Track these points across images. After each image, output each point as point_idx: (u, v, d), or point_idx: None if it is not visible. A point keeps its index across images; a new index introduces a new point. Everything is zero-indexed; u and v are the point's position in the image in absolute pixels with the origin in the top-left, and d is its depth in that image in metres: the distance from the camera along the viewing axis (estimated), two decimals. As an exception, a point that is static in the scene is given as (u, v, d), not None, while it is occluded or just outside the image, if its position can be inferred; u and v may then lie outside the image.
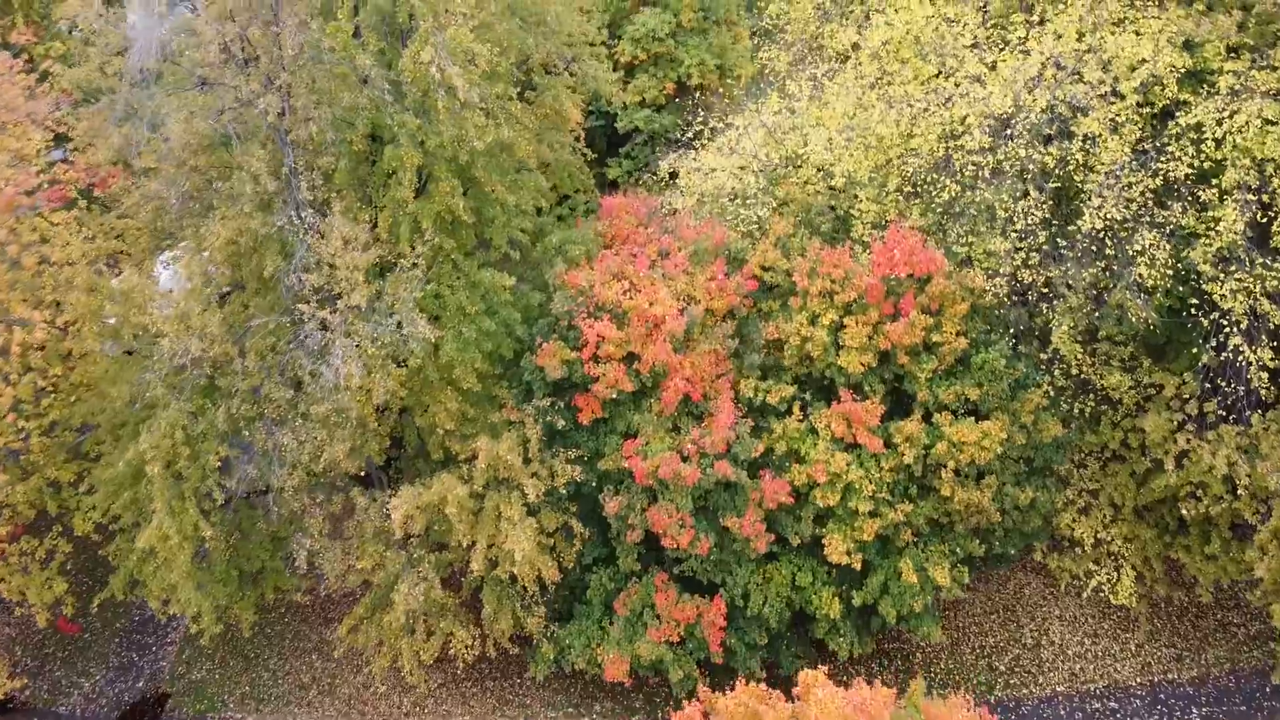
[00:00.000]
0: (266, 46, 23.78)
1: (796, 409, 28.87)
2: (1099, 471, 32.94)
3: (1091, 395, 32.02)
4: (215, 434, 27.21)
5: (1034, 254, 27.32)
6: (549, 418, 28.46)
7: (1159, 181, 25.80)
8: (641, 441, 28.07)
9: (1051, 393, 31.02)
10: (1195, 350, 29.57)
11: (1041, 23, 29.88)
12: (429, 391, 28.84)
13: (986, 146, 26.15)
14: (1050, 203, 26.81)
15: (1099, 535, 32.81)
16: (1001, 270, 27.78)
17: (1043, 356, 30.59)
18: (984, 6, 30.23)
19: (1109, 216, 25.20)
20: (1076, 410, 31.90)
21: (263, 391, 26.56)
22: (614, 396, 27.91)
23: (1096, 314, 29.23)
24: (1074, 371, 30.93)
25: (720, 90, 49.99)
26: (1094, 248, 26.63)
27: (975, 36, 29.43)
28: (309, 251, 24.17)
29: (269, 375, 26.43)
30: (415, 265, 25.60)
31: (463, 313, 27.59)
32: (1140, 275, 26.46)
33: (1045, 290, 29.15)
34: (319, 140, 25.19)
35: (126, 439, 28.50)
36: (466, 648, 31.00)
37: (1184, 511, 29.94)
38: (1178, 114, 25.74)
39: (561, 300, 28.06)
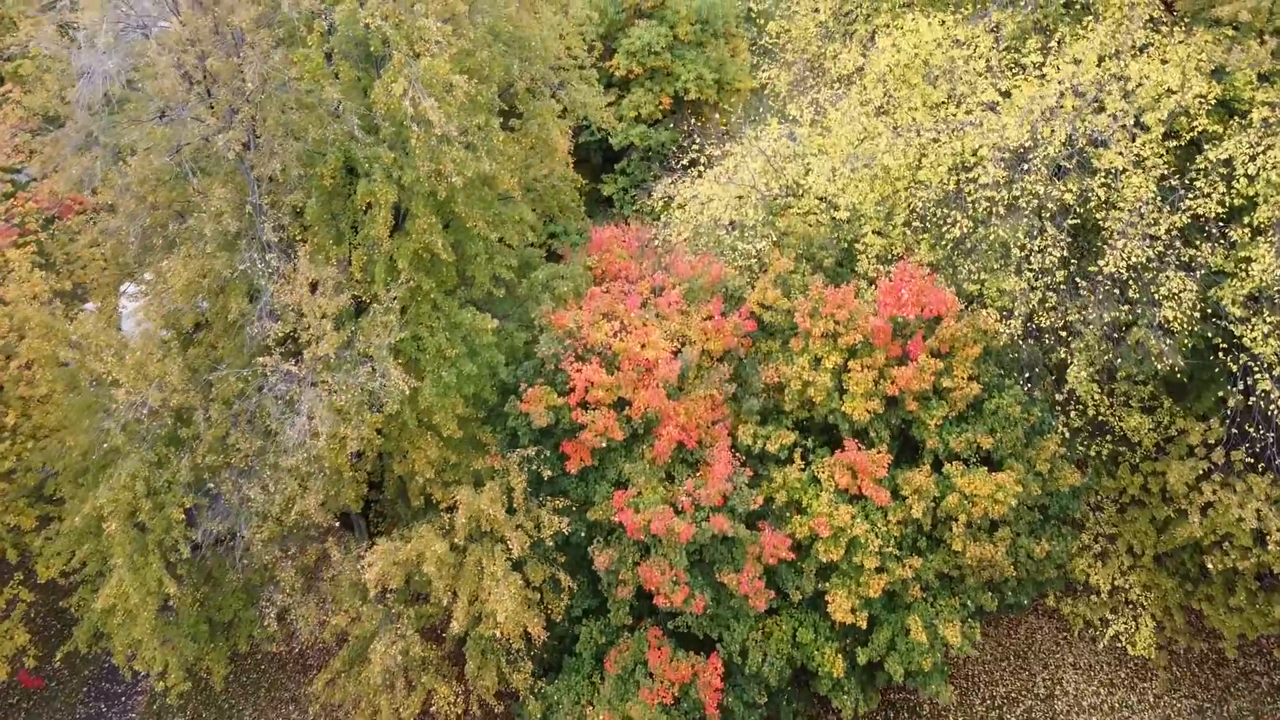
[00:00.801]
0: (228, 77, 22.07)
1: (798, 456, 27.21)
2: (1116, 516, 31.28)
3: (1109, 436, 30.35)
4: (180, 484, 25.52)
5: (1051, 293, 25.61)
6: (535, 466, 26.78)
7: (1186, 219, 24.10)
8: (633, 492, 26.39)
9: (1067, 434, 29.36)
10: (1221, 393, 27.88)
11: (1059, 45, 28.22)
12: (407, 437, 27.15)
13: (1001, 180, 24.45)
14: (1068, 240, 25.10)
15: (1116, 582, 31.17)
16: (1016, 310, 26.08)
17: (1058, 397, 28.92)
18: (996, 28, 28.51)
19: (1133, 257, 23.50)
20: (1093, 452, 30.23)
21: (229, 440, 24.86)
22: (603, 445, 26.23)
23: (1115, 355, 27.54)
24: (1091, 413, 29.27)
25: (718, 103, 48.36)
26: (1116, 290, 24.94)
27: (988, 60, 27.73)
28: (273, 298, 22.47)
29: (236, 423, 24.74)
30: (389, 310, 23.86)
31: (442, 356, 25.89)
32: (1165, 318, 24.76)
33: (1061, 329, 27.47)
34: (286, 176, 23.49)
35: (88, 487, 26.81)
36: (449, 704, 29.30)
37: (1209, 564, 28.26)
38: (1207, 147, 24.04)
39: (548, 342, 26.37)
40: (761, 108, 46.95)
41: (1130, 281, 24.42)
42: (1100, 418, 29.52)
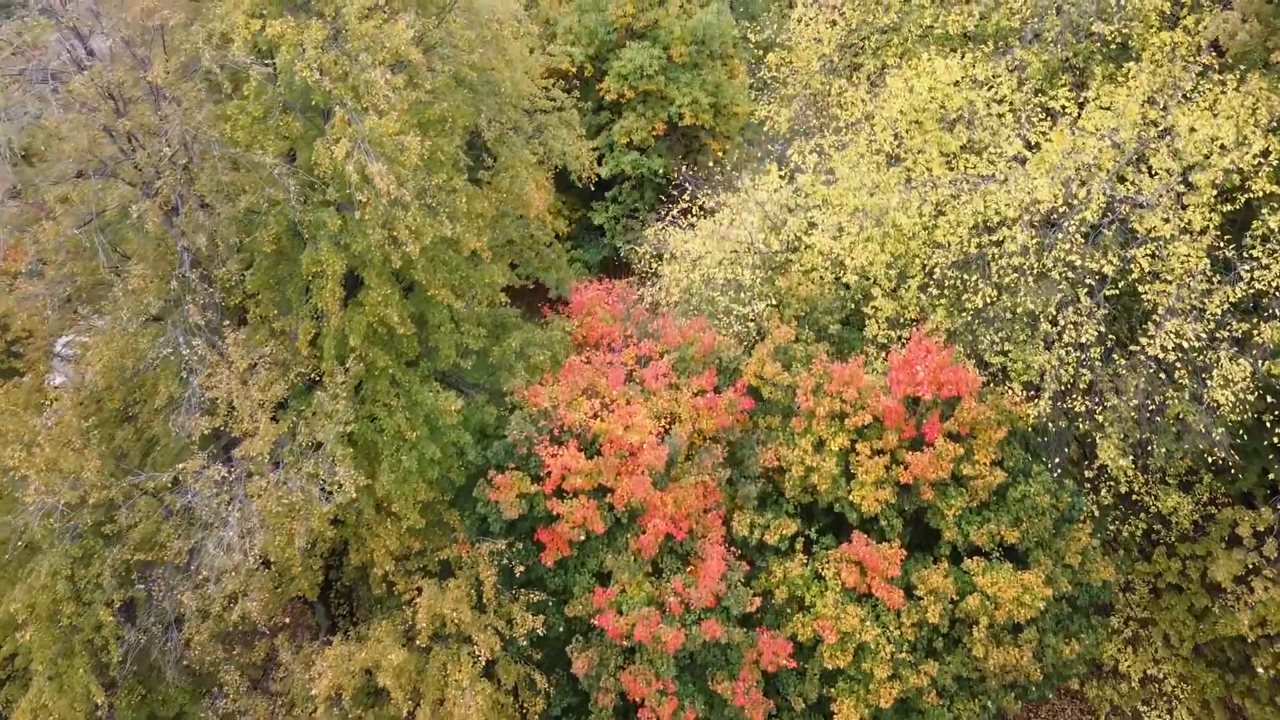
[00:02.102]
0: (148, 136, 19.24)
1: (799, 547, 24.41)
2: (1150, 599, 28.48)
3: (1143, 514, 27.53)
4: (108, 582, 22.73)
5: (1085, 370, 22.78)
6: (506, 560, 23.99)
7: (1242, 292, 21.28)
8: (615, 590, 23.58)
9: (1096, 512, 26.56)
10: (1270, 472, 25.10)
11: (1093, 88, 25.41)
12: (365, 525, 24.35)
13: (1030, 247, 21.64)
14: (1105, 312, 22.27)
15: (1149, 671, 28.37)
16: (1045, 386, 23.25)
17: (1087, 473, 26.10)
18: (1019, 67, 25.69)
19: (1181, 336, 20.68)
20: (1126, 533, 27.44)
21: (160, 537, 22.06)
22: (582, 538, 23.43)
23: (1151, 428, 24.71)
24: (1123, 489, 26.45)
25: (714, 128, 45.49)
26: (1162, 373, 22.12)
27: (1011, 104, 24.91)
28: (200, 392, 19.66)
29: (169, 516, 21.93)
30: (337, 397, 21.02)
31: (401, 438, 23.06)
32: (1214, 400, 21.94)
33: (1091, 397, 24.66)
34: (217, 247, 20.67)
35: (5, 583, 24.02)
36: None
37: (1257, 665, 25.45)
38: (1265, 212, 21.21)
39: (519, 424, 23.52)
40: (760, 140, 44.03)
41: (1176, 362, 21.56)
42: (1134, 496, 26.73)
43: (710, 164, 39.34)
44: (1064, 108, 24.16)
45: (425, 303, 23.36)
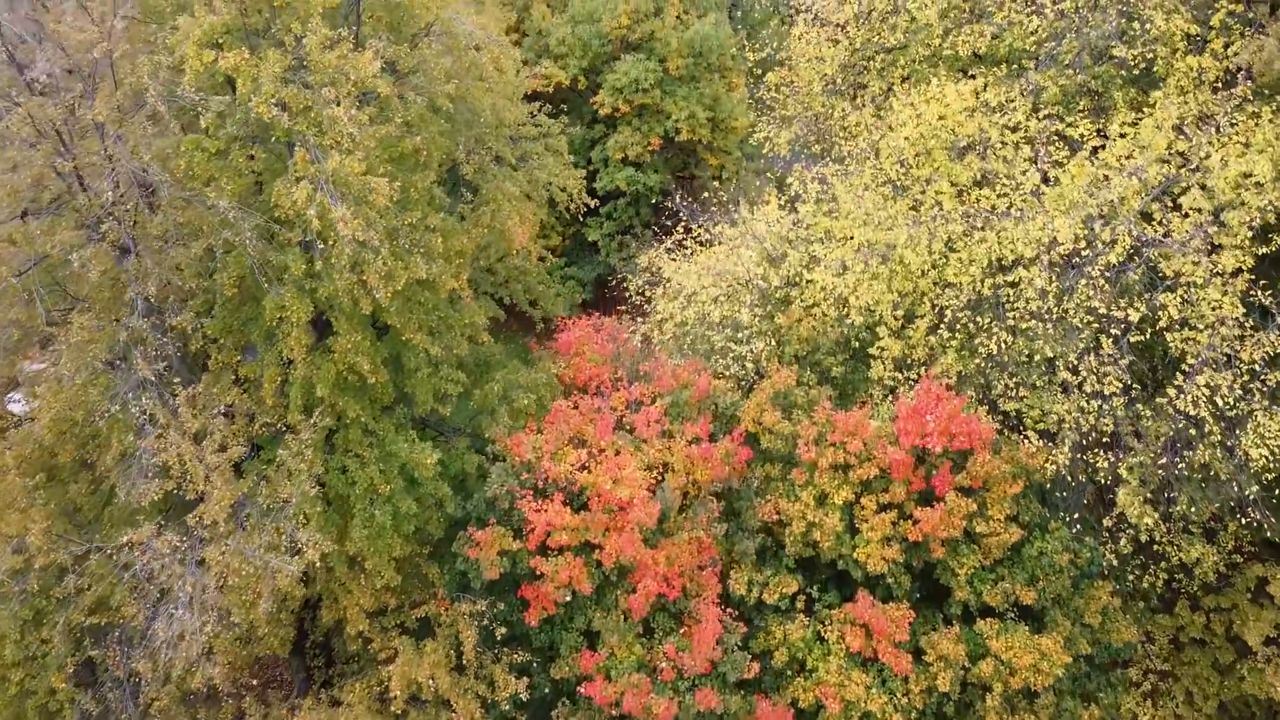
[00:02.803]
0: (94, 175, 17.70)
1: (800, 605, 22.90)
2: (1171, 650, 26.93)
3: (1164, 562, 25.96)
4: (59, 646, 21.23)
5: (1106, 419, 21.23)
6: (487, 622, 22.48)
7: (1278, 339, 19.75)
8: (604, 654, 22.06)
9: (1114, 561, 25.00)
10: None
11: (1106, 111, 23.88)
12: (337, 581, 22.84)
13: (1049, 290, 20.10)
14: (1129, 360, 20.73)
15: (1169, 727, 26.80)
16: (1063, 436, 21.72)
17: (1106, 522, 24.54)
18: (1034, 90, 24.13)
19: (1218, 397, 19.14)
20: (1146, 584, 25.87)
21: (114, 601, 20.55)
22: (568, 599, 21.91)
23: (1174, 474, 23.17)
24: (1143, 538, 24.89)
25: (712, 142, 43.95)
26: (1193, 429, 20.58)
27: (1027, 132, 23.36)
28: (150, 454, 18.13)
29: (121, 579, 20.41)
30: (302, 455, 19.48)
31: (374, 492, 21.53)
32: (1249, 456, 20.41)
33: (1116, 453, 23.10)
34: (179, 288, 19.15)
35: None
36: None
37: (1288, 730, 23.94)
38: (1303, 254, 19.71)
39: (500, 476, 21.99)
40: (759, 154, 42.43)
41: (1208, 417, 20.01)
42: (1155, 546, 25.17)
43: (706, 191, 37.70)
44: (1083, 136, 22.60)
45: (401, 346, 21.85)
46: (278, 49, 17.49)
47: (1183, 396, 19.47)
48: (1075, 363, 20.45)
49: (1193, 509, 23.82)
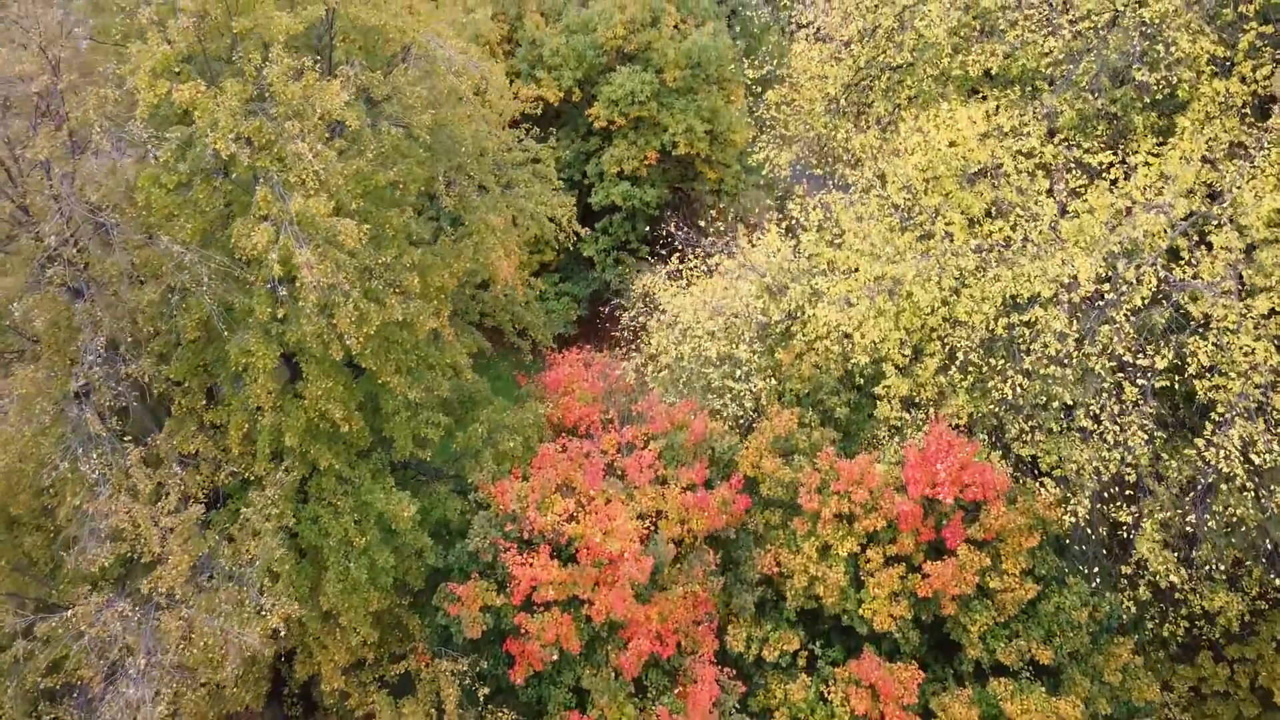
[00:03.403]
0: (40, 217, 16.38)
1: (802, 662, 21.59)
2: (1191, 700, 25.61)
3: (1184, 609, 24.66)
4: (10, 709, 19.93)
5: (1129, 469, 19.92)
6: (469, 681, 21.18)
7: (1312, 388, 18.44)
8: (594, 715, 20.76)
9: (1133, 608, 23.70)
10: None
11: (1126, 136, 22.60)
12: (311, 635, 21.54)
13: (1069, 333, 18.79)
14: (1154, 407, 19.42)
15: (1190, 780, 25.51)
16: (1083, 482, 20.41)
17: (1124, 569, 23.24)
18: (1049, 114, 22.82)
19: (1250, 445, 17.84)
20: (1166, 633, 24.56)
21: (69, 664, 19.22)
22: (555, 657, 20.61)
23: (1196, 517, 21.87)
24: (1163, 585, 23.58)
25: (710, 156, 42.58)
26: (1225, 483, 19.27)
27: (1041, 156, 22.06)
28: (98, 515, 16.81)
29: (75, 641, 19.08)
30: (268, 513, 18.18)
31: (349, 544, 20.24)
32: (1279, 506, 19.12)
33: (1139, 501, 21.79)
34: (136, 330, 17.84)
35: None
36: None
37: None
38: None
39: (483, 527, 20.69)
40: (759, 174, 41.08)
41: (1241, 473, 18.69)
42: (1176, 593, 23.87)
43: (704, 208, 36.37)
44: (1102, 164, 21.30)
45: (378, 387, 20.55)
46: (238, 79, 16.16)
47: (1213, 449, 18.16)
48: (1096, 411, 19.14)
49: (1216, 557, 22.55)
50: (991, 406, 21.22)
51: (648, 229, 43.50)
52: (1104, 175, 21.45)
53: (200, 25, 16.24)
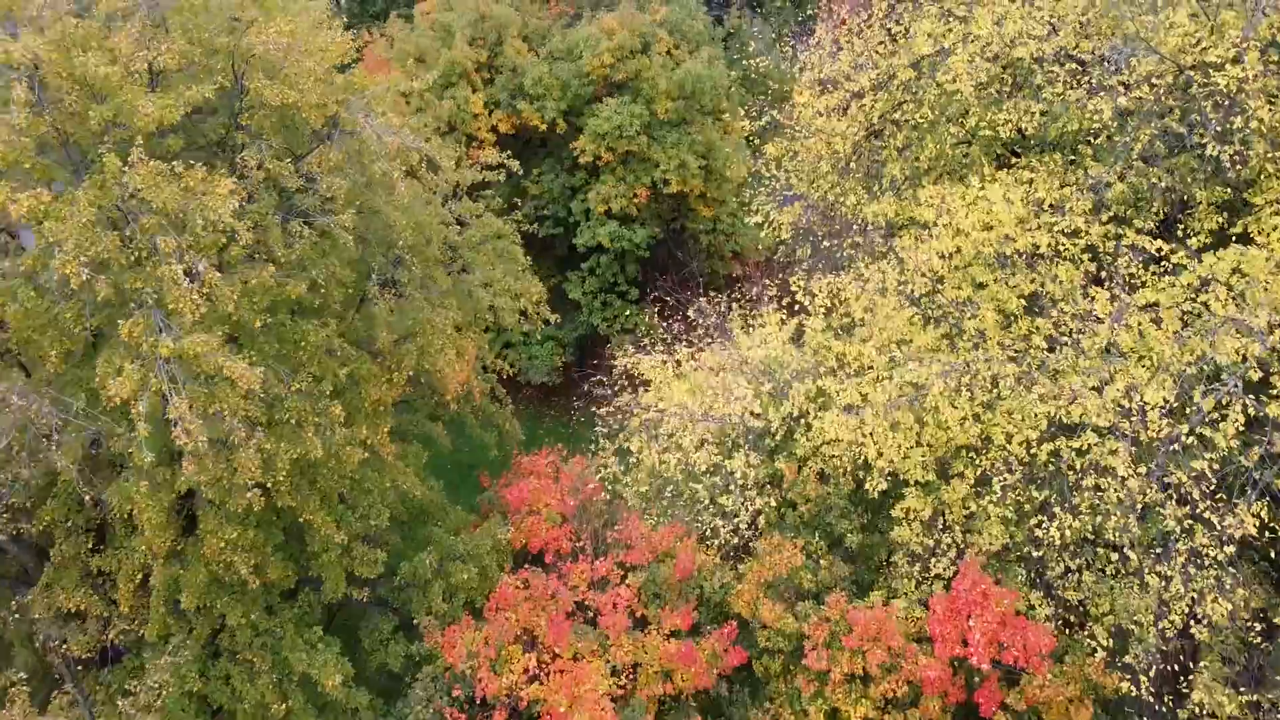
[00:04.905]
0: None
1: (808, 840, 18.29)
2: None
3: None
4: None
5: (1202, 625, 16.58)
6: None
7: None
8: None
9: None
10: None
11: (1189, 207, 19.34)
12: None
13: (1130, 475, 15.45)
14: (1231, 554, 16.06)
15: None
16: (1143, 635, 17.08)
17: (1181, 715, 19.91)
18: (1096, 185, 19.49)
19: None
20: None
21: None
22: (513, 846, 17.34)
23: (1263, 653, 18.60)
24: (1224, 724, 20.30)
25: (705, 193, 39.26)
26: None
27: (1087, 237, 18.76)
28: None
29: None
30: (159, 691, 14.87)
31: (266, 711, 16.94)
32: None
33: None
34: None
35: None
36: None
37: None
38: None
39: (426, 691, 17.38)
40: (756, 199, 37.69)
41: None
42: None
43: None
44: (1161, 252, 17.97)
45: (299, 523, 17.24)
46: (92, 182, 12.83)
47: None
48: (1167, 573, 15.81)
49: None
50: (1025, 537, 17.91)
51: (638, 271, 40.32)
52: (1164, 261, 18.13)
53: (53, 112, 12.95)
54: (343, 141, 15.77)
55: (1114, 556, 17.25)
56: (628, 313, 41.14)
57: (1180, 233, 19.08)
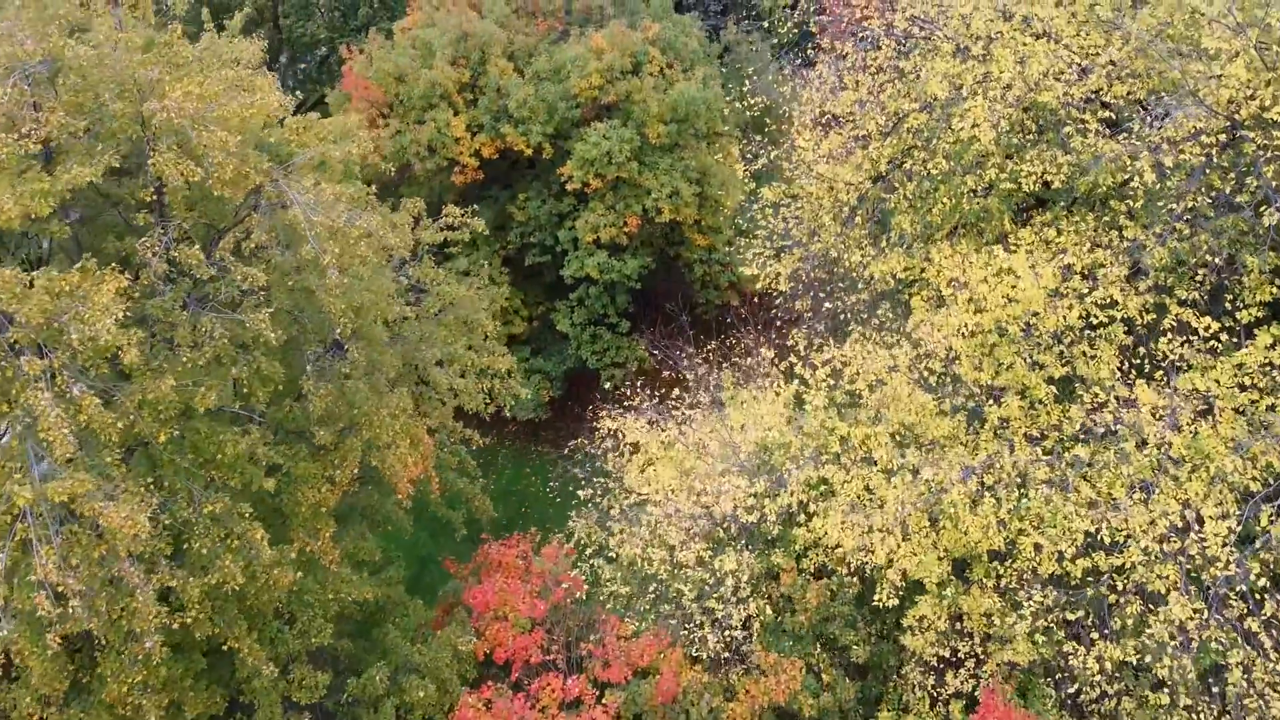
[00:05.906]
0: None
1: None
2: None
3: None
4: None
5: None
6: None
7: None
8: None
9: None
10: None
11: (1237, 271, 17.20)
12: None
13: (1185, 616, 13.26)
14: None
15: None
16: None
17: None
18: (1132, 247, 17.29)
19: None
20: None
21: None
22: None
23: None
24: None
25: (700, 220, 37.08)
26: None
27: (1124, 310, 16.58)
28: None
29: None
30: None
31: None
32: None
33: None
34: None
35: None
36: None
37: None
38: None
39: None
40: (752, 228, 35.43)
41: None
42: None
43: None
44: (1209, 330, 15.78)
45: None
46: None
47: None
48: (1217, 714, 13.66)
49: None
50: (1054, 651, 15.74)
51: (628, 301, 38.19)
52: (1214, 340, 15.97)
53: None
54: (270, 215, 13.57)
55: (1164, 693, 15.07)
56: (618, 347, 39.18)
57: (1228, 303, 16.88)
